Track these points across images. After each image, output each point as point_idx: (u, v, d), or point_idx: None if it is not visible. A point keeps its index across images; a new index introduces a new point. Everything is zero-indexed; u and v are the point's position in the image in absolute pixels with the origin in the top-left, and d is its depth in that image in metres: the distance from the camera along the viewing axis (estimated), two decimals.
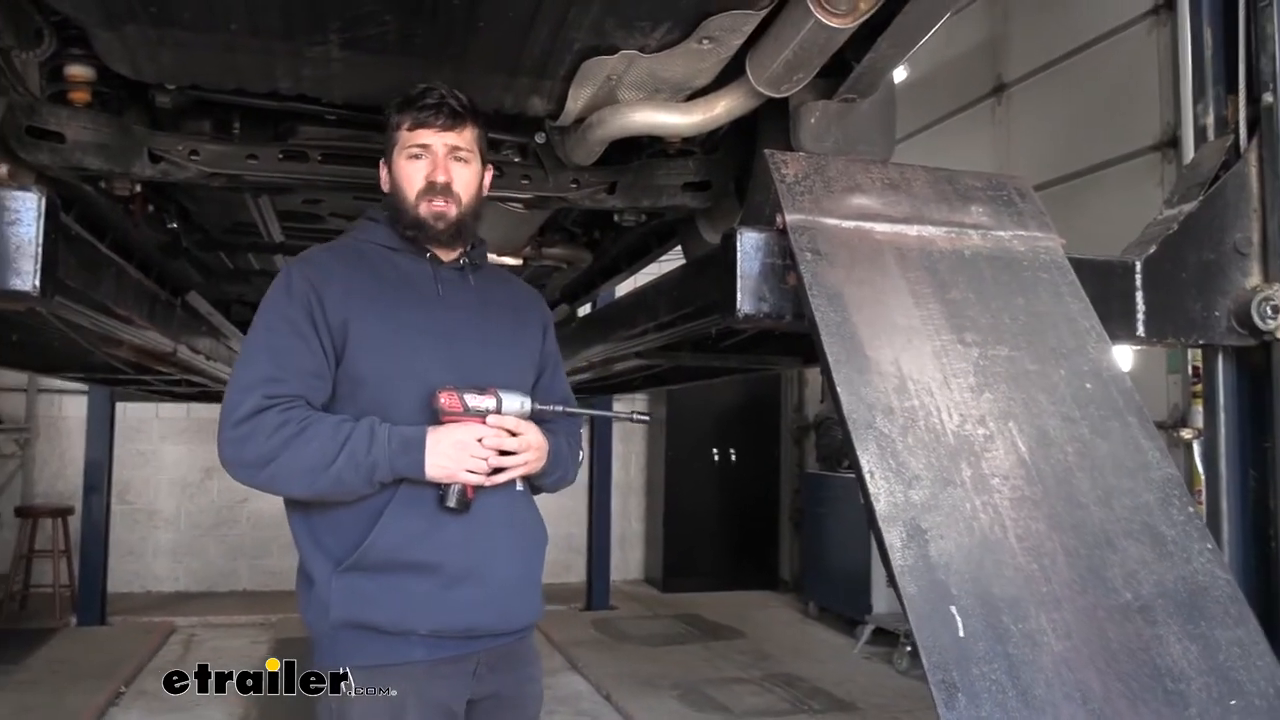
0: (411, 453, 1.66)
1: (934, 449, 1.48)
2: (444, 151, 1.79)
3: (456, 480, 1.68)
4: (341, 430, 1.65)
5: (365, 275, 1.79)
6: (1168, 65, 4.86)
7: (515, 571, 1.81)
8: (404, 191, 1.80)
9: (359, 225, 1.93)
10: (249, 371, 1.69)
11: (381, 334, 1.74)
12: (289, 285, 1.74)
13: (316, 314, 1.71)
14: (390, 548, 1.68)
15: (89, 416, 7.45)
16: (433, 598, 1.69)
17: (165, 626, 7.11)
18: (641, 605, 8.49)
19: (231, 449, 1.66)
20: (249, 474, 1.66)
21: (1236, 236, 2.04)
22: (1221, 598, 1.45)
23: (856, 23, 1.73)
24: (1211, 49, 2.14)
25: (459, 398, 1.69)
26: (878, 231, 1.75)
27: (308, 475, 1.64)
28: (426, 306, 1.81)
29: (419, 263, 1.84)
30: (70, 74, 2.02)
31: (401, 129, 1.80)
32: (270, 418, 1.64)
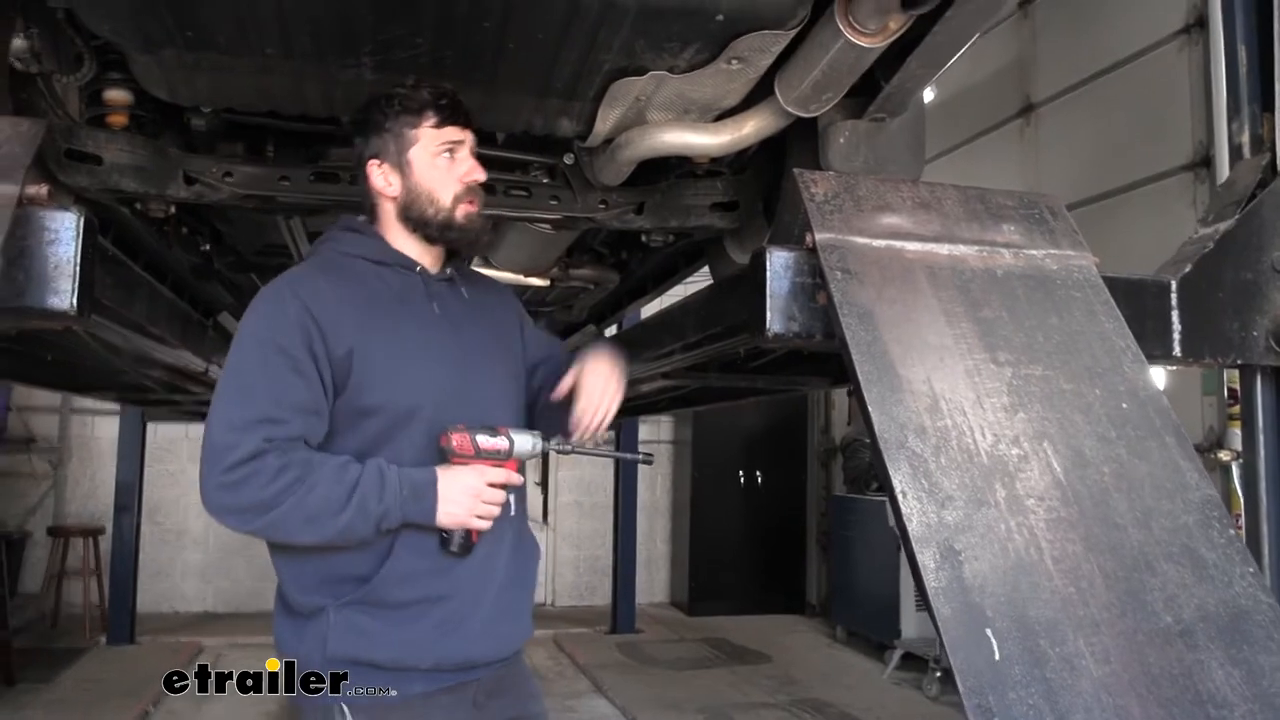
0: (423, 499, 1.59)
1: (967, 469, 1.46)
2: (471, 148, 1.74)
3: (466, 526, 1.63)
4: (348, 475, 1.55)
5: (362, 298, 1.67)
6: (1199, 84, 4.82)
7: (512, 599, 1.76)
8: (434, 193, 1.71)
9: (336, 236, 1.79)
10: (243, 408, 1.54)
11: (387, 364, 1.64)
12: (283, 312, 1.60)
13: (317, 346, 1.58)
14: (397, 583, 1.61)
15: (120, 437, 7.53)
16: (435, 636, 1.63)
17: (192, 646, 7.15)
18: (667, 628, 8.43)
19: (224, 494, 1.51)
20: (242, 520, 1.53)
21: (1274, 255, 2.01)
22: (1265, 622, 1.42)
23: (886, 42, 1.73)
24: (1246, 67, 2.12)
25: (471, 439, 1.63)
26: (909, 250, 1.74)
27: (312, 524, 1.53)
28: (426, 329, 1.71)
29: (409, 278, 1.74)
30: (108, 98, 2.05)
31: (423, 125, 1.70)
32: (270, 461, 1.51)
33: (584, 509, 9.49)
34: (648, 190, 2.47)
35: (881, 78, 1.89)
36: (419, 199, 1.72)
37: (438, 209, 1.72)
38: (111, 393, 5.23)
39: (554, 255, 3.31)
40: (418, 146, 1.71)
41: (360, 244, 1.76)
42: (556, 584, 9.38)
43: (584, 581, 9.44)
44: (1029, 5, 6.19)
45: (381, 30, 1.74)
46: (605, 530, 8.95)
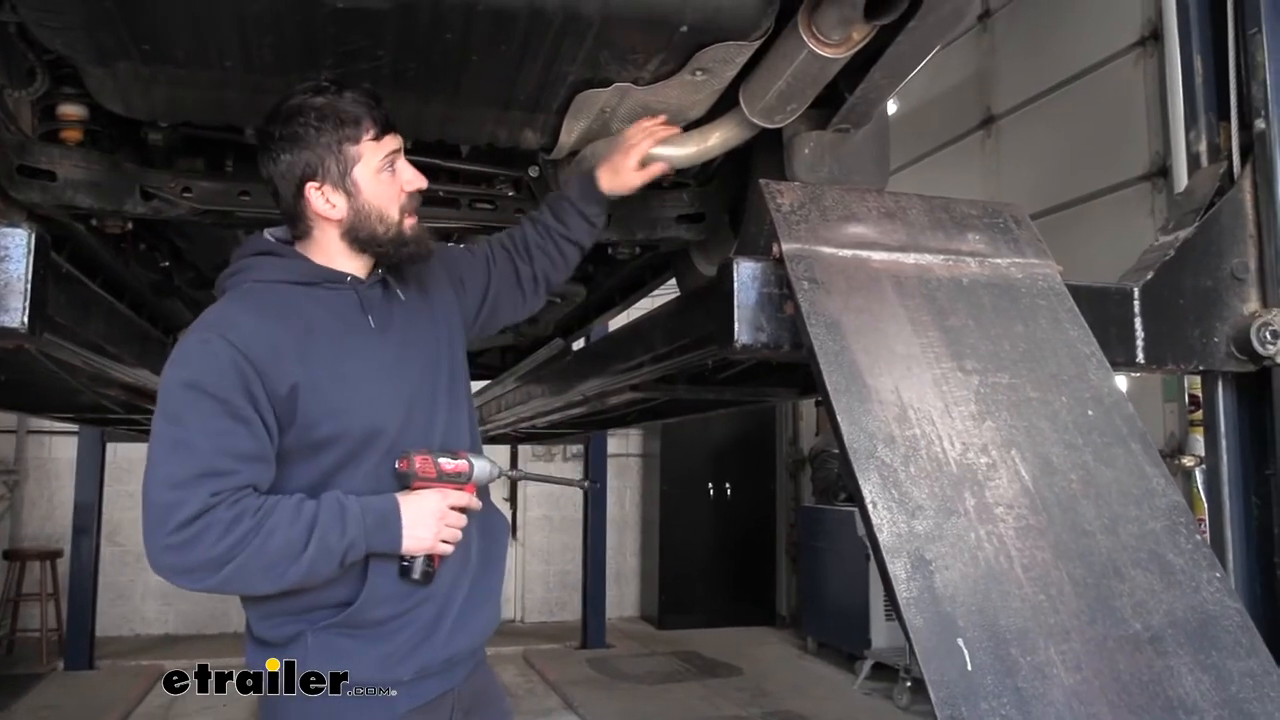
0: (388, 527, 1.54)
1: (936, 478, 1.46)
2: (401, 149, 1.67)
3: (430, 551, 1.59)
4: (304, 515, 1.47)
5: (297, 327, 1.55)
6: (1155, 96, 4.91)
7: (486, 585, 1.74)
8: (382, 209, 1.63)
9: (254, 264, 1.65)
10: (183, 463, 1.43)
11: (336, 392, 1.55)
12: (212, 356, 1.47)
13: (256, 389, 1.47)
14: (377, 605, 1.57)
15: (79, 457, 7.40)
16: (418, 642, 1.60)
17: (154, 670, 7.01)
18: (638, 643, 8.40)
19: (173, 555, 1.41)
20: (196, 580, 1.43)
21: (1233, 262, 2.03)
22: (1232, 627, 1.43)
23: (850, 53, 1.74)
24: (1202, 76, 2.15)
25: (434, 462, 1.60)
26: (875, 260, 1.74)
27: (272, 571, 1.45)
28: (366, 345, 1.62)
29: (341, 293, 1.64)
30: (62, 113, 2.01)
31: (364, 140, 1.59)
32: (221, 514, 1.41)
33: (553, 523, 9.45)
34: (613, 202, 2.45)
35: (845, 89, 1.90)
36: (368, 219, 1.62)
37: (387, 226, 1.64)
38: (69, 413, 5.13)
39: None
40: (361, 164, 1.60)
41: (281, 267, 1.64)
42: (526, 600, 9.31)
43: (554, 597, 9.39)
44: (988, 19, 6.28)
45: (343, 42, 1.71)
46: (575, 545, 8.91)
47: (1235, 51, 2.08)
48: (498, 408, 4.98)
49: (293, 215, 1.66)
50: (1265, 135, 2.03)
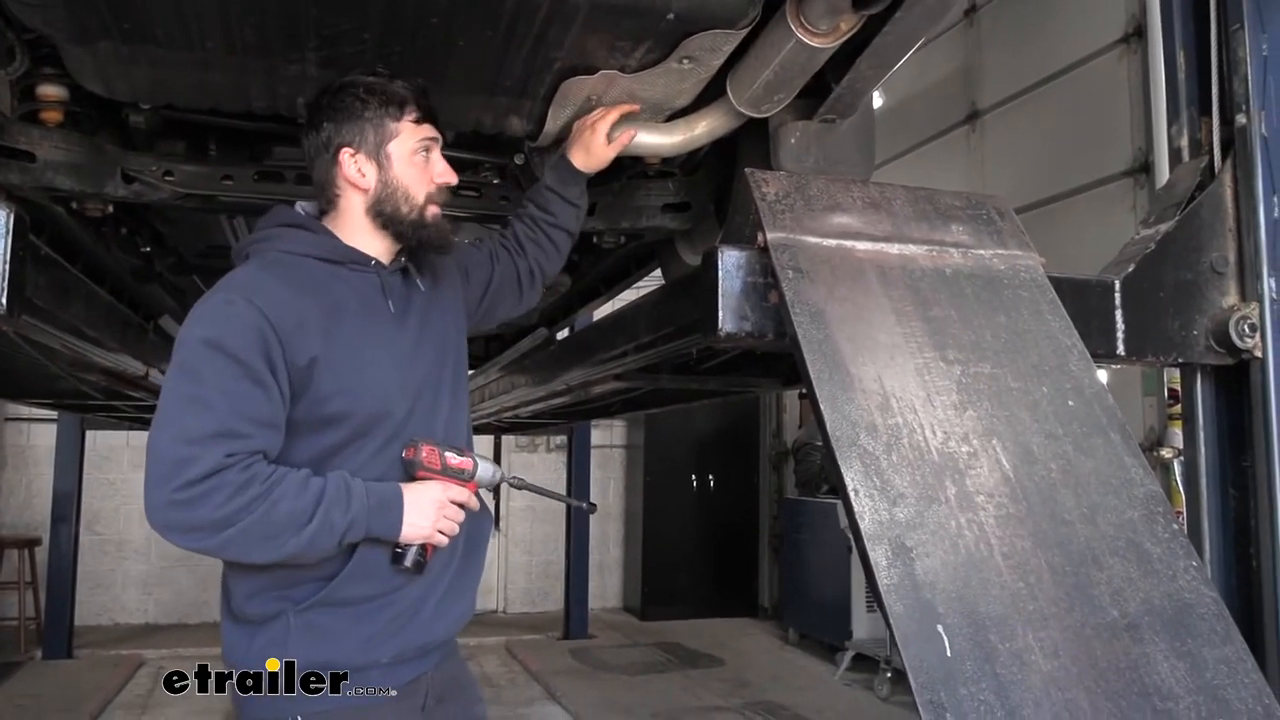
0: (390, 512, 1.55)
1: (918, 466, 1.47)
2: (441, 148, 1.72)
3: (430, 541, 1.60)
4: (311, 489, 1.48)
5: (320, 302, 1.57)
6: (1139, 92, 4.94)
7: (465, 572, 1.75)
8: (408, 190, 1.67)
9: (282, 234, 1.67)
10: (200, 420, 1.42)
11: (351, 371, 1.57)
12: (237, 317, 1.48)
13: (275, 354, 1.48)
14: (361, 580, 1.57)
15: (58, 444, 7.33)
16: (399, 623, 1.60)
17: (133, 660, 6.97)
18: (620, 633, 8.41)
19: (176, 512, 1.40)
20: (192, 539, 1.43)
21: (1213, 256, 2.05)
22: (1208, 615, 1.45)
23: (837, 43, 1.74)
24: (1185, 72, 2.17)
25: (440, 454, 1.62)
26: (859, 249, 1.75)
27: (273, 540, 1.45)
28: (385, 332, 1.65)
29: (365, 276, 1.67)
30: (42, 93, 1.98)
31: (405, 119, 1.66)
32: (232, 477, 1.41)
33: (536, 514, 9.44)
34: (599, 191, 2.45)
35: (832, 79, 1.90)
36: (394, 195, 1.66)
37: (412, 207, 1.67)
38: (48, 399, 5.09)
39: None
40: (398, 140, 1.66)
41: (309, 242, 1.66)
42: (509, 590, 9.31)
43: (536, 587, 9.39)
44: (974, 13, 6.29)
45: (327, 25, 1.70)
46: (558, 535, 8.90)
47: (1217, 47, 2.10)
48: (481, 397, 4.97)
49: (323, 183, 1.70)
50: (1246, 130, 2.05)
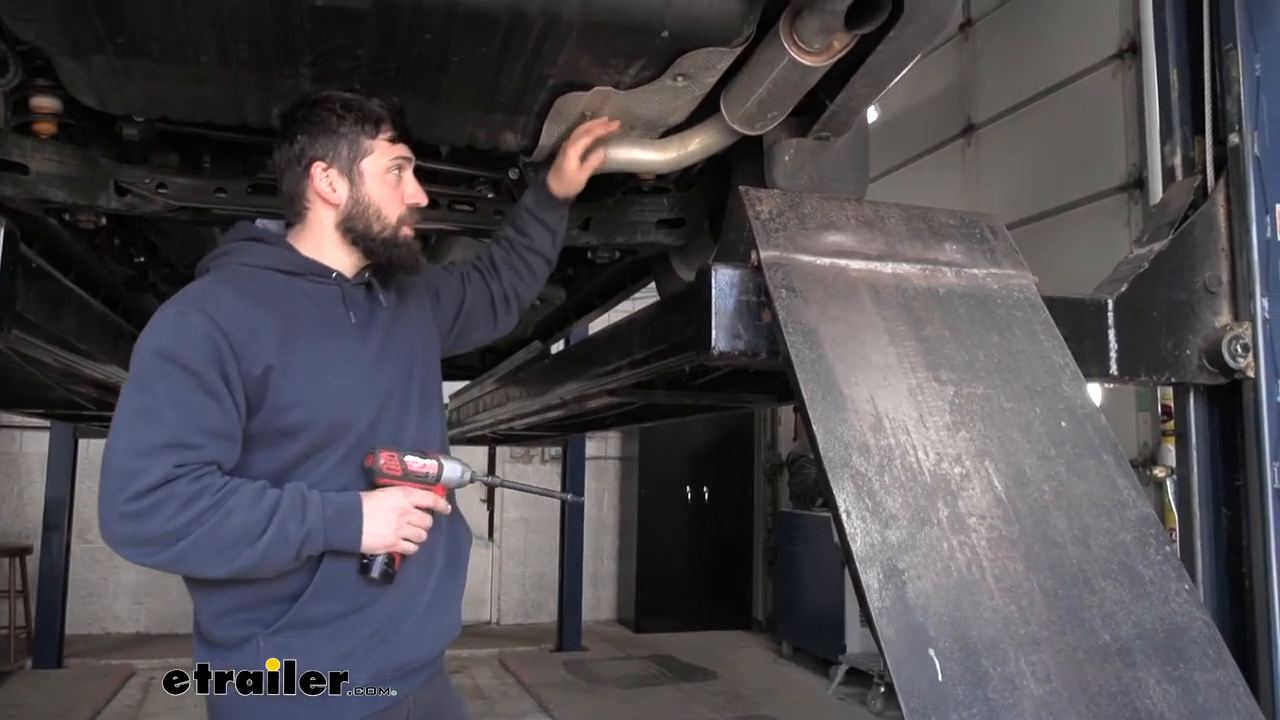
0: (348, 523, 1.52)
1: (910, 488, 1.46)
2: (413, 168, 1.72)
3: (392, 549, 1.56)
4: (265, 500, 1.46)
5: (278, 312, 1.56)
6: (1132, 108, 4.96)
7: (447, 591, 1.72)
8: (379, 208, 1.66)
9: (242, 248, 1.67)
10: (150, 431, 1.41)
11: (309, 382, 1.55)
12: (189, 328, 1.47)
13: (229, 365, 1.47)
14: (329, 596, 1.54)
15: (50, 453, 7.31)
16: (373, 643, 1.57)
17: (124, 669, 6.93)
18: (614, 646, 8.38)
19: (127, 525, 1.38)
20: (144, 554, 1.41)
21: (1206, 275, 2.06)
22: (1200, 639, 1.44)
23: (830, 61, 1.74)
24: (1178, 91, 2.18)
25: (399, 460, 1.58)
26: (853, 268, 1.75)
27: (225, 553, 1.43)
28: (346, 342, 1.63)
29: (324, 286, 1.65)
30: (36, 105, 1.98)
31: (380, 137, 1.66)
32: (181, 488, 1.39)
33: (530, 525, 9.42)
34: (594, 206, 2.45)
35: (826, 97, 1.90)
36: (365, 212, 1.66)
37: (384, 225, 1.67)
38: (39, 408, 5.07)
39: None
40: (371, 158, 1.66)
41: (268, 254, 1.65)
42: (502, 602, 9.28)
43: (530, 599, 9.36)
44: (969, 28, 6.32)
45: (321, 40, 1.70)
46: (552, 547, 8.88)
47: (1210, 67, 2.10)
48: (476, 409, 4.96)
49: (292, 195, 1.69)
50: (1239, 150, 2.05)
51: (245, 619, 1.54)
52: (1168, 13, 2.22)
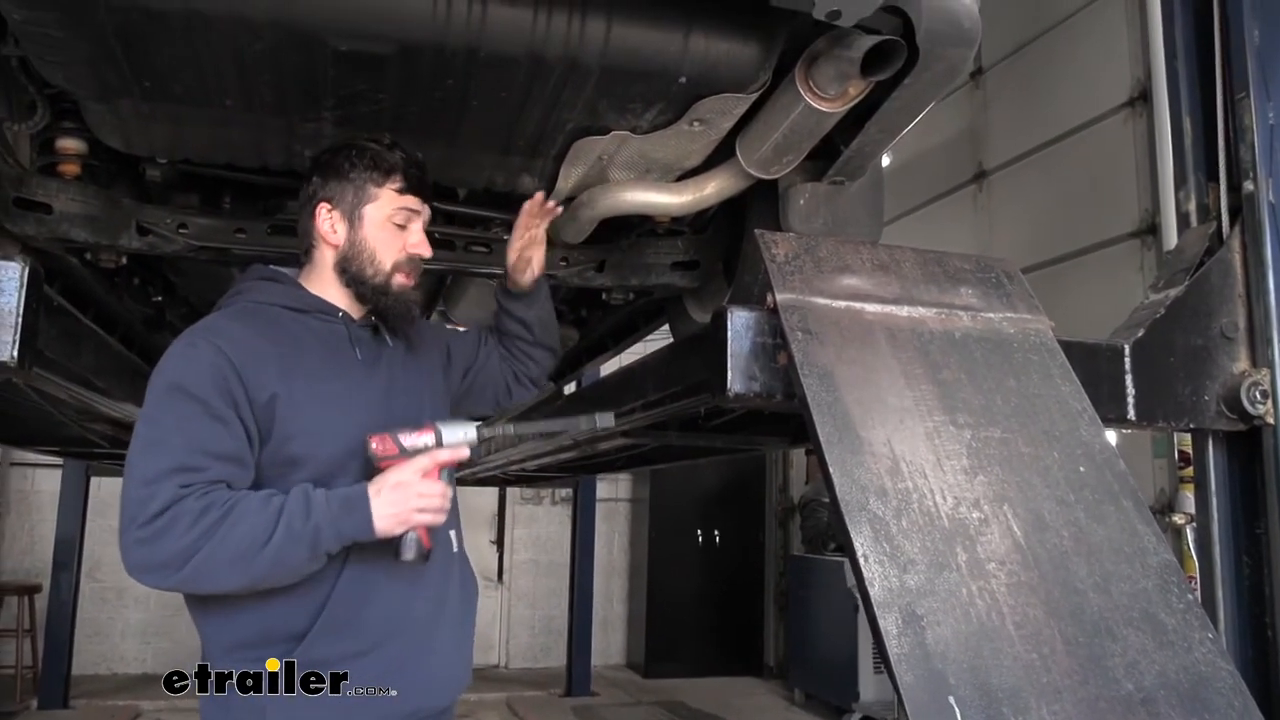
0: (356, 510, 1.50)
1: (928, 532, 1.45)
2: (425, 221, 1.74)
3: (410, 525, 1.54)
4: (271, 504, 1.47)
5: (283, 344, 1.61)
6: (1144, 155, 4.98)
7: (455, 639, 1.71)
8: (377, 255, 1.70)
9: (254, 286, 1.73)
10: (156, 460, 1.45)
11: (312, 412, 1.58)
12: (196, 358, 1.52)
13: (236, 391, 1.51)
14: (336, 638, 1.53)
15: (62, 491, 7.31)
16: (381, 682, 1.56)
17: (129, 710, 6.88)
18: (623, 691, 8.28)
19: (141, 550, 1.42)
20: (162, 576, 1.44)
21: (1223, 321, 2.05)
22: (1224, 689, 1.41)
23: (845, 107, 1.76)
24: (1191, 138, 2.18)
25: (392, 439, 1.56)
26: (868, 312, 1.75)
27: (239, 562, 1.43)
28: (349, 373, 1.67)
29: (331, 324, 1.70)
30: (61, 146, 2.01)
31: (387, 186, 1.70)
32: (189, 505, 1.42)
33: (540, 567, 9.36)
34: (609, 248, 2.47)
35: (841, 142, 1.92)
36: (360, 256, 1.70)
37: (377, 271, 1.70)
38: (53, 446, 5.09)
39: None
40: (375, 205, 1.70)
41: (278, 292, 1.71)
42: (511, 645, 9.19)
43: (539, 642, 9.27)
44: (980, 76, 6.37)
45: (344, 85, 1.73)
46: (561, 589, 8.81)
47: (1224, 114, 2.11)
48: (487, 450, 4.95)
49: (303, 233, 1.77)
50: (1253, 197, 2.05)
51: (251, 658, 1.54)
52: (1180, 61, 2.23)
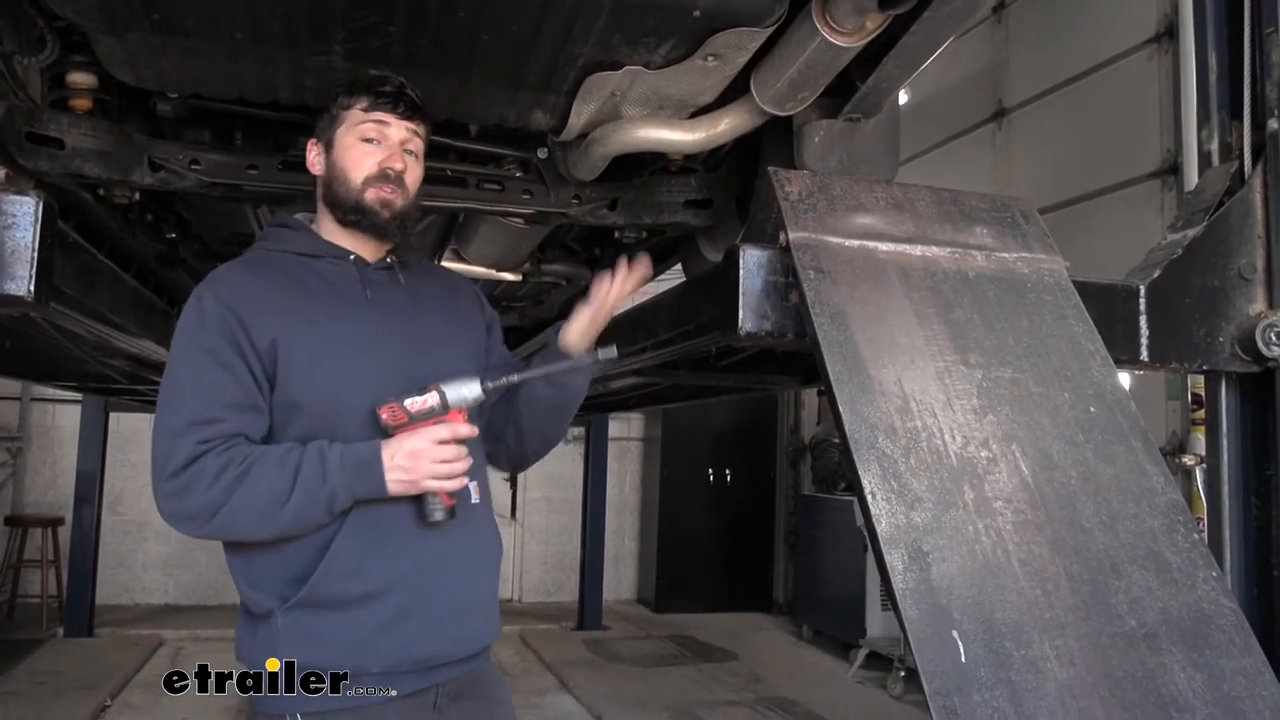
0: (369, 473, 1.53)
1: (936, 470, 1.46)
2: (401, 138, 1.67)
3: (421, 489, 1.55)
4: (289, 462, 1.51)
5: (287, 289, 1.63)
6: (1168, 93, 4.88)
7: (470, 592, 1.68)
8: (348, 174, 1.66)
9: (270, 234, 1.77)
10: (176, 415, 1.53)
11: (313, 351, 1.58)
12: (202, 312, 1.57)
13: (241, 339, 1.54)
14: (339, 578, 1.55)
15: (82, 426, 7.40)
16: (385, 631, 1.56)
17: (153, 639, 7.05)
18: (634, 625, 8.43)
19: (171, 503, 1.51)
20: (194, 526, 1.52)
21: (1241, 262, 2.03)
22: (1226, 626, 1.43)
23: (863, 42, 1.73)
24: (1216, 74, 2.14)
25: (399, 407, 1.55)
26: (882, 250, 1.74)
27: (262, 517, 1.51)
28: (356, 314, 1.65)
29: (342, 266, 1.69)
30: (72, 81, 2.00)
31: (353, 108, 1.66)
32: (209, 462, 1.48)
33: (553, 504, 9.46)
34: (621, 186, 2.45)
35: (857, 78, 1.89)
36: (335, 178, 1.68)
37: (349, 189, 1.66)
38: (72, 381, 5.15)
39: (526, 250, 3.29)
40: (343, 126, 1.68)
41: (289, 239, 1.72)
42: (524, 580, 9.34)
43: (551, 577, 9.42)
44: (1002, 11, 6.24)
45: (353, 17, 1.71)
46: (573, 526, 8.92)
47: (1250, 50, 2.07)
48: None
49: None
50: (1278, 136, 2.02)
51: (269, 590, 1.57)
52: None
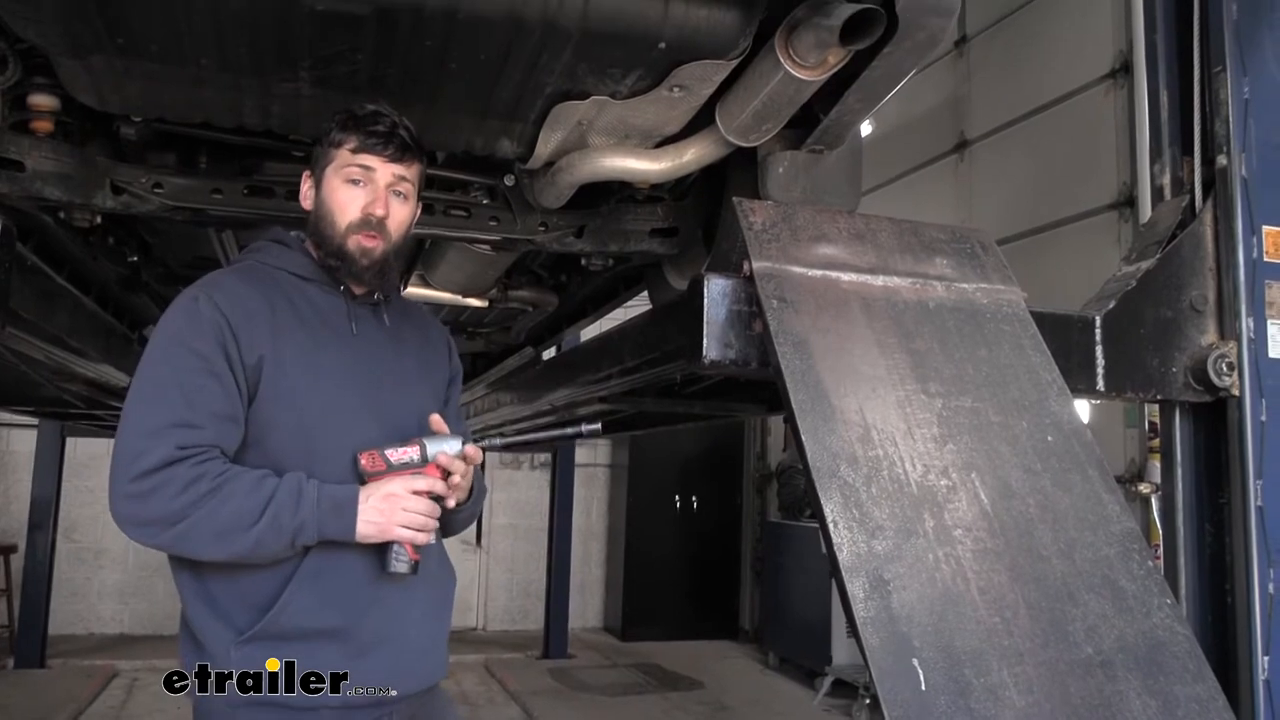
0: (343, 515, 1.51)
1: (897, 499, 1.48)
2: (386, 182, 1.64)
3: (390, 537, 1.54)
4: (263, 488, 1.48)
5: (281, 308, 1.61)
6: (1124, 127, 4.99)
7: (427, 631, 1.68)
8: (333, 217, 1.64)
9: (264, 247, 1.73)
10: (155, 413, 1.47)
11: (296, 376, 1.57)
12: (197, 313, 1.54)
13: (230, 349, 1.52)
14: (301, 614, 1.52)
15: (37, 451, 7.27)
16: (344, 662, 1.54)
17: (107, 670, 6.89)
18: (600, 654, 8.37)
19: (131, 505, 1.44)
20: (148, 534, 1.46)
21: (1193, 294, 2.08)
22: (1180, 653, 1.45)
23: (825, 76, 1.76)
24: (1168, 111, 2.20)
25: (380, 455, 1.56)
26: (844, 281, 1.76)
27: (220, 538, 1.45)
28: (342, 346, 1.65)
29: (332, 296, 1.69)
30: (33, 103, 1.99)
31: (343, 148, 1.64)
32: (182, 471, 1.43)
33: (518, 532, 9.40)
34: (588, 214, 2.47)
35: (820, 110, 1.92)
36: (322, 219, 1.66)
37: (333, 232, 1.64)
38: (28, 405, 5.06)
39: (493, 276, 3.29)
40: (332, 165, 1.65)
41: (285, 257, 1.71)
42: (489, 608, 9.26)
43: (516, 605, 9.34)
44: (964, 45, 6.36)
45: (321, 45, 1.71)
46: (539, 553, 8.87)
47: (1200, 89, 2.13)
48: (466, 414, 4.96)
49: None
50: (1227, 171, 2.08)
51: (222, 619, 1.54)
52: (1159, 35, 2.24)
